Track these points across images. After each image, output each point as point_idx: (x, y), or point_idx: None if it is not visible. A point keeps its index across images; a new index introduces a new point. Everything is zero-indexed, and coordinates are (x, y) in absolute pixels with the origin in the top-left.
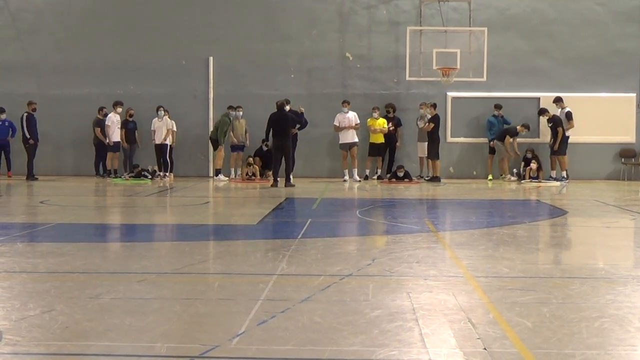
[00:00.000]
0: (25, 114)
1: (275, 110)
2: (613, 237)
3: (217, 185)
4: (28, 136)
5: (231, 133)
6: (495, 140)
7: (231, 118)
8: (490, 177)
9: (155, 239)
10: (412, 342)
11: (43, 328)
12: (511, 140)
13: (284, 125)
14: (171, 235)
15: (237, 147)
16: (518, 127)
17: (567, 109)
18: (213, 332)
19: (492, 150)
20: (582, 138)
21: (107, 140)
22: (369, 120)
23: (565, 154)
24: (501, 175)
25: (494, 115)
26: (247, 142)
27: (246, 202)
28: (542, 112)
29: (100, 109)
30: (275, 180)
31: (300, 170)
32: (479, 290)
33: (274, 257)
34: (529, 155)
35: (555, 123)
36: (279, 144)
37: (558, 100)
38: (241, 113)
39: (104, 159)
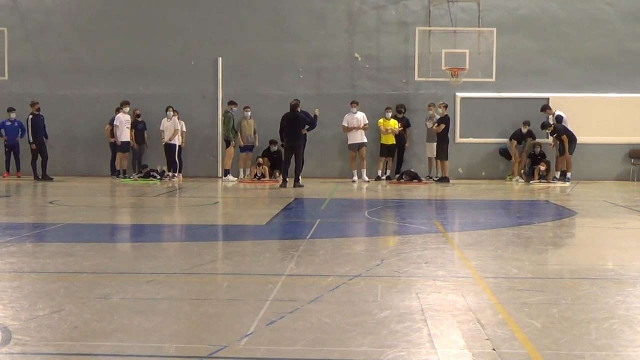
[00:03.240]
0: (31, 116)
1: (289, 111)
2: (623, 238)
3: (226, 186)
4: (31, 140)
5: (239, 134)
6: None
7: (233, 113)
8: (509, 177)
9: (164, 239)
10: (421, 343)
11: (52, 328)
12: (517, 144)
13: (295, 126)
14: (180, 236)
15: (246, 148)
16: (522, 129)
17: (557, 113)
18: (222, 332)
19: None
20: (591, 139)
21: (115, 140)
22: (381, 120)
23: (571, 153)
24: (509, 176)
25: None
26: (257, 142)
27: (255, 203)
28: (545, 126)
29: (117, 109)
30: (285, 181)
31: (310, 171)
32: (488, 291)
33: (283, 257)
34: (537, 150)
35: (559, 133)
36: (289, 145)
37: (545, 109)
38: (250, 113)
39: (113, 159)
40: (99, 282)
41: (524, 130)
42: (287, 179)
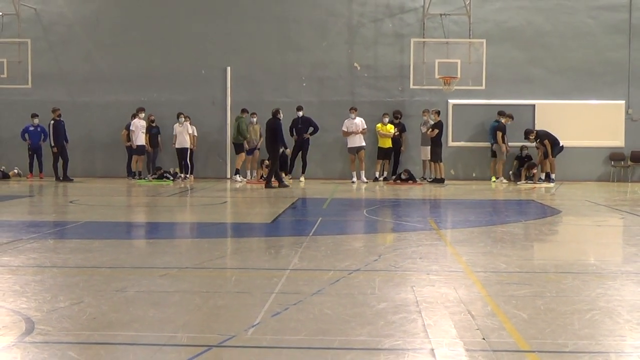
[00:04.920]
0: (52, 122)
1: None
2: (603, 235)
3: (234, 186)
4: (52, 144)
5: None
6: (494, 144)
7: (244, 119)
8: (493, 179)
9: (177, 236)
10: (415, 332)
11: (72, 319)
12: (503, 135)
13: (272, 133)
14: (191, 233)
15: (251, 151)
16: (503, 120)
17: (537, 131)
18: (230, 322)
19: (494, 154)
20: (574, 142)
21: (131, 144)
22: (379, 125)
23: (554, 156)
24: (495, 177)
25: (497, 121)
26: (259, 145)
27: (261, 202)
28: (528, 133)
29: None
30: (280, 181)
31: (312, 172)
32: (478, 285)
33: (287, 253)
34: (524, 153)
35: (541, 137)
36: (267, 148)
37: (528, 135)
38: (255, 119)
39: (129, 161)
40: (116, 275)
41: (504, 122)
42: (283, 179)
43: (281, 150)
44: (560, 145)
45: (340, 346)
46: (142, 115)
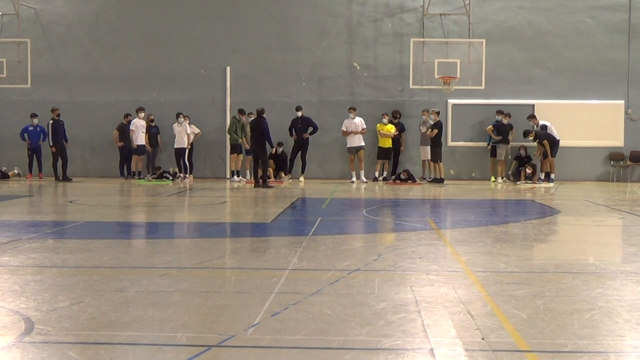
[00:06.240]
0: (51, 121)
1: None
2: (603, 234)
3: (233, 186)
4: (51, 143)
5: (243, 137)
6: (491, 144)
7: (238, 119)
8: (493, 178)
9: (176, 236)
10: (415, 332)
11: (72, 319)
12: (492, 128)
13: (258, 132)
14: (191, 233)
15: (249, 151)
16: (500, 118)
17: (542, 123)
18: (230, 322)
19: (493, 153)
20: (574, 142)
21: (124, 143)
22: (378, 125)
23: (554, 156)
24: (492, 177)
25: (497, 121)
26: None
27: (261, 202)
28: (526, 133)
29: (126, 115)
30: (256, 181)
31: (312, 172)
32: (478, 284)
33: (287, 253)
34: (523, 153)
35: (540, 138)
36: (253, 148)
37: (531, 118)
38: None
39: (128, 161)
40: (116, 275)
41: (504, 121)
42: (259, 180)
43: (272, 150)
44: (557, 140)
45: (340, 346)
46: (142, 114)
